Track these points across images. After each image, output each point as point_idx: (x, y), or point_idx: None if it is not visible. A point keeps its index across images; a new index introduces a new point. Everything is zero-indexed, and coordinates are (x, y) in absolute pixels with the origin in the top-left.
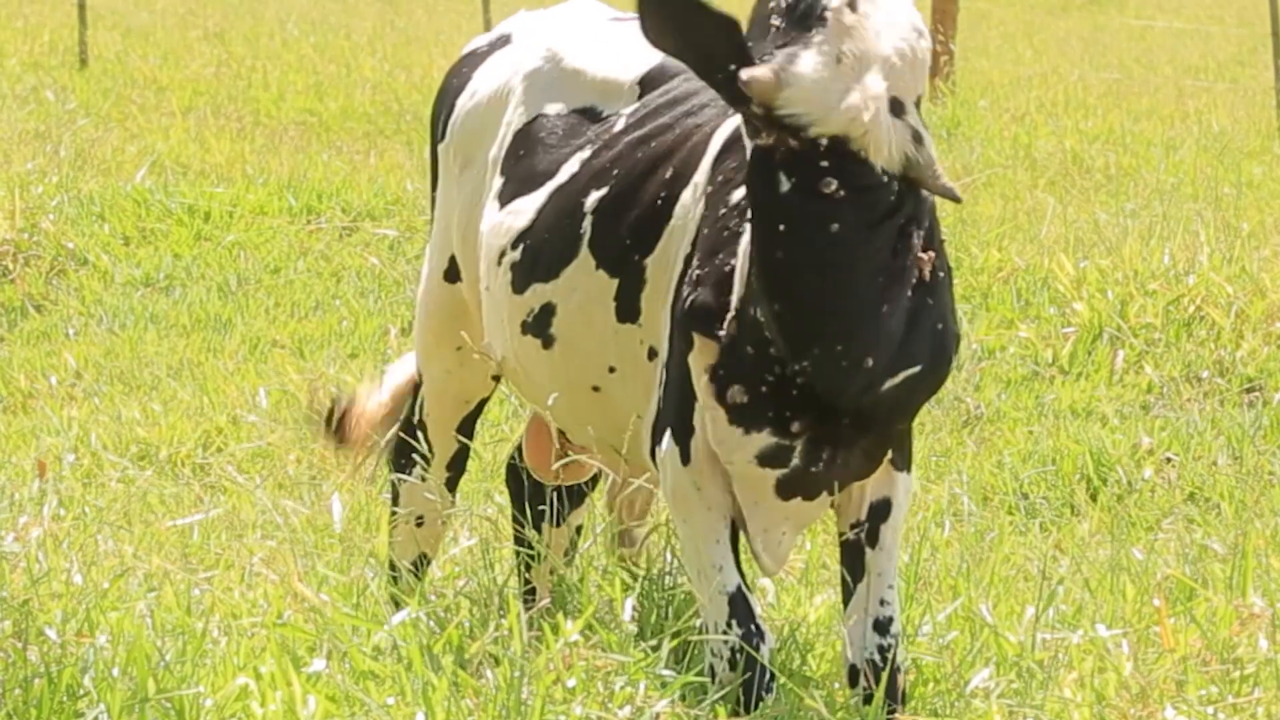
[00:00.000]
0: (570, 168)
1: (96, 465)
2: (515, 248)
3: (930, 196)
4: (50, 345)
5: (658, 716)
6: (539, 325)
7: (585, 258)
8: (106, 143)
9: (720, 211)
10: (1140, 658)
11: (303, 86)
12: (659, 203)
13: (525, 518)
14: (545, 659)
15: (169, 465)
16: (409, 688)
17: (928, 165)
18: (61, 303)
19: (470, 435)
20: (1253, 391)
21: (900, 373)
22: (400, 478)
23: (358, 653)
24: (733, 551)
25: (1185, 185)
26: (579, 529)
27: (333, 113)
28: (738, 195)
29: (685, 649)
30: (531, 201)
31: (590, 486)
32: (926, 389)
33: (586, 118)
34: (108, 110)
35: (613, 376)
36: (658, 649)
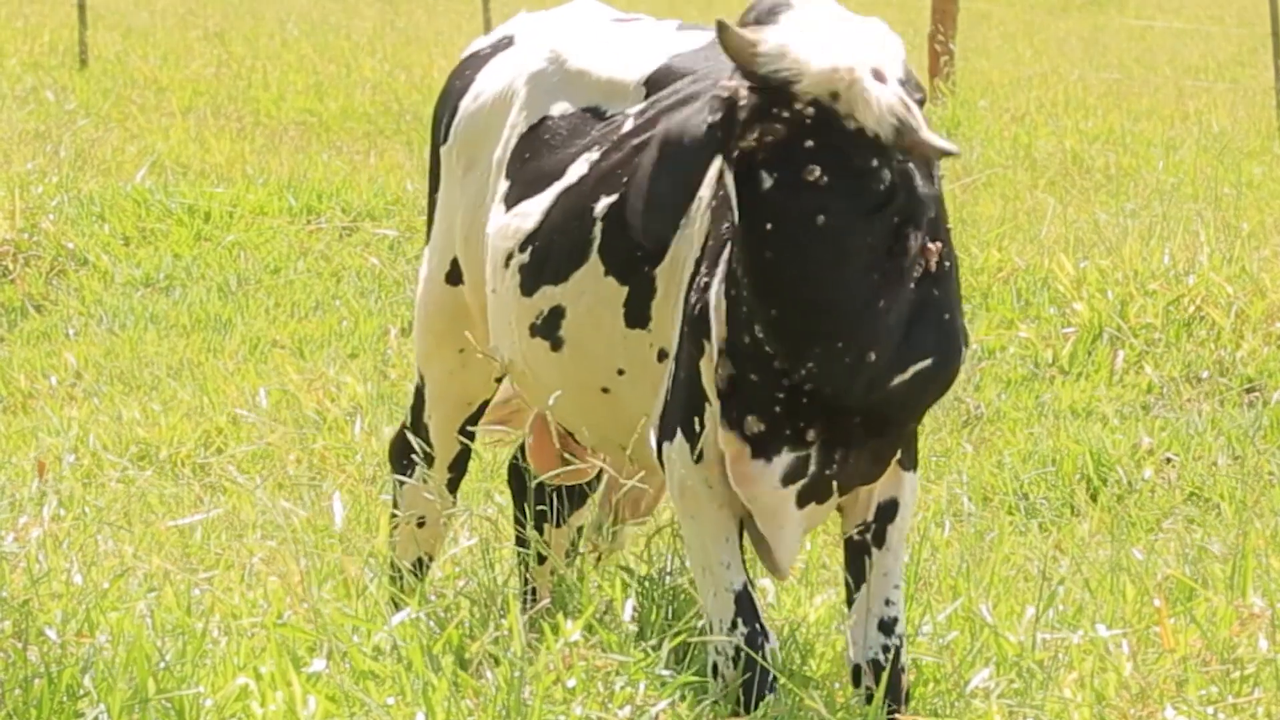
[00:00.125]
0: (578, 169)
1: (96, 465)
2: (523, 250)
3: (937, 190)
4: (50, 345)
5: (658, 716)
6: (548, 328)
7: (595, 263)
8: (106, 143)
9: (726, 219)
10: (1140, 658)
11: (303, 86)
12: None
13: (526, 518)
14: (545, 659)
15: (169, 465)
16: (409, 688)
17: (920, 128)
18: (61, 303)
19: (471, 436)
20: (1253, 391)
21: (910, 368)
22: (401, 479)
23: (358, 653)
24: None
25: (1185, 185)
26: (580, 529)
27: (333, 113)
28: None
29: (685, 649)
30: (538, 204)
31: (591, 487)
32: (938, 385)
33: (592, 118)
34: (108, 110)
35: (622, 378)
36: (658, 649)
